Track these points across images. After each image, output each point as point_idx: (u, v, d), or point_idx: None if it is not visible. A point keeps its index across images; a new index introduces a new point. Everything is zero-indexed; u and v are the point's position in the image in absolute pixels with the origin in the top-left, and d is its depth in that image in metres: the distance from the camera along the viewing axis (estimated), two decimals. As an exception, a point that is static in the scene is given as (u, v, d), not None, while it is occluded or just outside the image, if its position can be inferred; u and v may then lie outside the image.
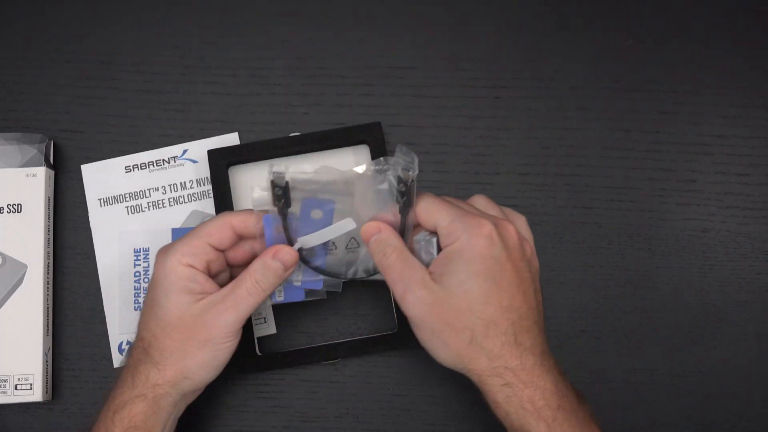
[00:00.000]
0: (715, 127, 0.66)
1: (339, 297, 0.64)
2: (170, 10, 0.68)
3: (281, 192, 0.54)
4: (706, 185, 0.66)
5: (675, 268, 0.65)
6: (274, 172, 0.54)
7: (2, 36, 0.67)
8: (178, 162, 0.65)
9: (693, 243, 0.65)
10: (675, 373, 0.64)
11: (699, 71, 0.67)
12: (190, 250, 0.53)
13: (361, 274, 0.57)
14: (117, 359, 0.64)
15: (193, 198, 0.65)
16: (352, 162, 0.64)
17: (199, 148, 0.65)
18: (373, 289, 0.64)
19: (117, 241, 0.64)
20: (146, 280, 0.64)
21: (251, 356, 0.62)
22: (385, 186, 0.54)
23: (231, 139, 0.66)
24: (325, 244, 0.56)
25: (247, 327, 0.62)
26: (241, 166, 0.64)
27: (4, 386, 0.61)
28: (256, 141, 0.64)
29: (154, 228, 0.64)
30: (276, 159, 0.64)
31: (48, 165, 0.64)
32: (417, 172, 0.53)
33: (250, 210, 0.56)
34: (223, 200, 0.63)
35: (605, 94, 0.67)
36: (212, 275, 0.55)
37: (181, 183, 0.65)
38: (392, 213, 0.54)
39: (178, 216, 0.65)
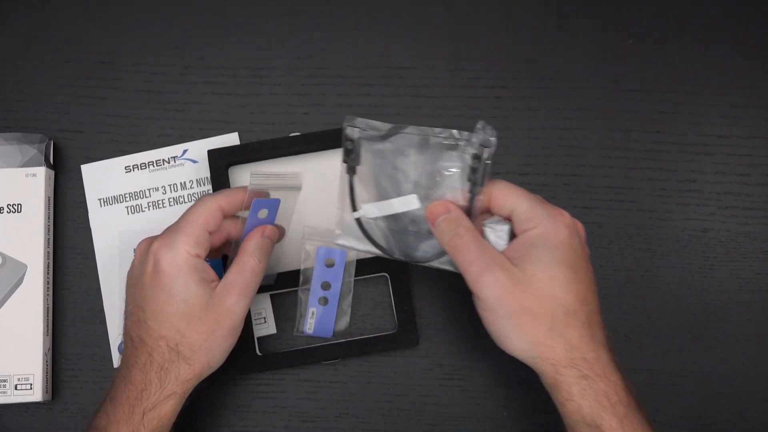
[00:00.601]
0: (715, 127, 0.66)
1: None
2: (170, 10, 0.68)
3: (351, 146, 0.53)
4: (706, 185, 0.66)
5: (675, 268, 0.65)
6: (347, 125, 0.53)
7: (2, 36, 0.67)
8: (178, 162, 0.65)
9: (693, 243, 0.65)
10: (675, 373, 0.64)
11: (699, 71, 0.67)
12: (194, 239, 0.52)
13: (418, 257, 0.55)
14: (117, 359, 0.64)
15: (193, 198, 0.65)
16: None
17: (199, 148, 0.65)
18: (372, 290, 0.64)
19: (117, 241, 0.64)
20: (146, 280, 0.64)
21: (251, 356, 0.62)
22: (453, 162, 0.52)
23: (231, 139, 0.66)
24: (386, 219, 0.55)
25: (247, 327, 0.62)
26: (241, 166, 0.64)
27: (4, 386, 0.61)
28: (256, 141, 0.64)
29: (154, 228, 0.64)
30: (276, 159, 0.64)
31: (48, 165, 0.64)
32: (494, 149, 0.51)
33: (236, 189, 0.56)
34: (223, 200, 0.63)
35: (605, 94, 0.67)
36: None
37: (181, 183, 0.65)
38: (459, 193, 0.53)
39: (178, 216, 0.64)
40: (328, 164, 0.63)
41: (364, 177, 0.54)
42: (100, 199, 0.65)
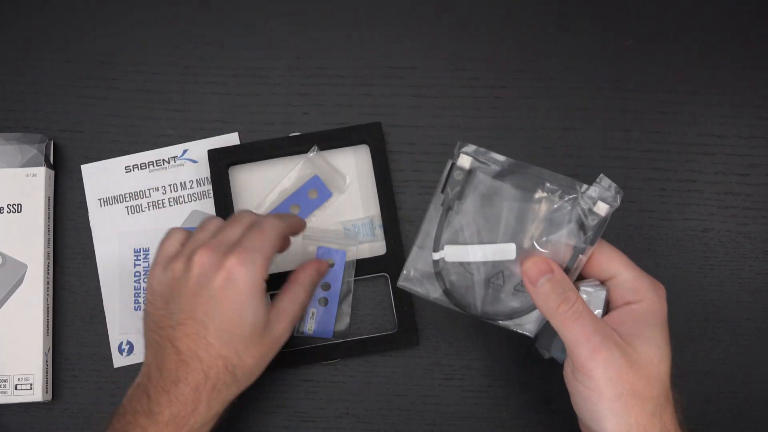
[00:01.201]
0: (715, 127, 0.66)
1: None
2: (170, 10, 0.68)
3: (460, 177, 0.48)
4: (706, 185, 0.66)
5: (675, 268, 0.65)
6: (460, 151, 0.47)
7: (2, 36, 0.67)
8: (178, 162, 0.65)
9: (693, 243, 0.65)
10: (675, 373, 0.64)
11: (699, 71, 0.67)
12: (266, 264, 0.51)
13: (491, 313, 0.50)
14: (117, 359, 0.64)
15: (193, 198, 0.65)
16: (352, 162, 0.64)
17: (199, 148, 0.65)
18: (372, 290, 0.64)
19: (117, 241, 0.64)
20: (146, 280, 0.64)
21: None
22: (563, 215, 0.47)
23: (231, 139, 0.66)
24: (467, 265, 0.49)
25: None
26: (241, 165, 0.64)
27: (4, 386, 0.61)
28: (256, 141, 0.64)
29: (154, 228, 0.64)
30: (277, 158, 0.64)
31: (48, 165, 0.64)
32: (615, 208, 0.47)
33: (298, 218, 0.58)
34: (223, 200, 0.63)
35: (605, 94, 0.67)
36: None
37: (181, 183, 0.65)
38: (561, 250, 0.48)
39: (178, 216, 0.65)
40: (338, 163, 0.64)
41: (457, 214, 0.49)
42: (100, 199, 0.65)
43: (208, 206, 0.65)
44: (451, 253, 0.49)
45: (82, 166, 0.65)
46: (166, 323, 0.51)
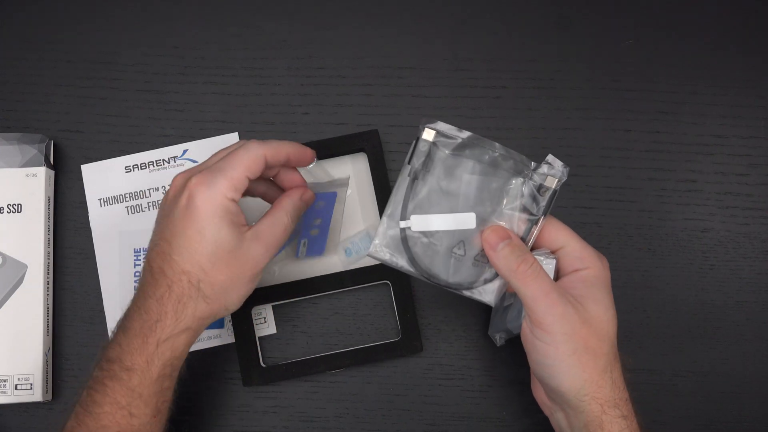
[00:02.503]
0: (715, 127, 0.66)
1: (337, 297, 0.64)
2: (170, 10, 0.68)
3: (425, 148, 0.52)
4: (706, 185, 0.66)
5: (675, 268, 0.65)
6: (426, 126, 0.51)
7: (2, 36, 0.67)
8: (178, 162, 0.65)
9: (693, 243, 0.65)
10: (675, 373, 0.64)
11: (699, 71, 0.67)
12: (233, 184, 0.51)
13: (453, 282, 0.53)
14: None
15: (193, 198, 0.65)
16: (350, 170, 0.64)
17: (199, 148, 0.65)
18: (374, 297, 0.64)
19: (117, 241, 0.64)
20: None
21: (256, 369, 0.62)
22: (518, 189, 0.52)
23: (231, 139, 0.66)
24: (430, 236, 0.53)
25: (250, 337, 0.62)
26: None
27: (4, 386, 0.61)
28: None
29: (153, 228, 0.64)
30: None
31: (48, 165, 0.64)
32: (562, 182, 0.51)
33: (283, 142, 0.55)
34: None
35: (605, 94, 0.67)
36: None
37: (181, 183, 0.65)
38: (516, 221, 0.52)
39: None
40: (335, 171, 0.64)
41: (422, 185, 0.52)
42: (100, 199, 0.65)
43: (208, 206, 0.65)
44: (416, 222, 0.52)
45: (82, 166, 0.65)
46: (149, 247, 0.54)
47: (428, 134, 0.51)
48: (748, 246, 0.65)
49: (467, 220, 0.52)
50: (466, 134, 0.52)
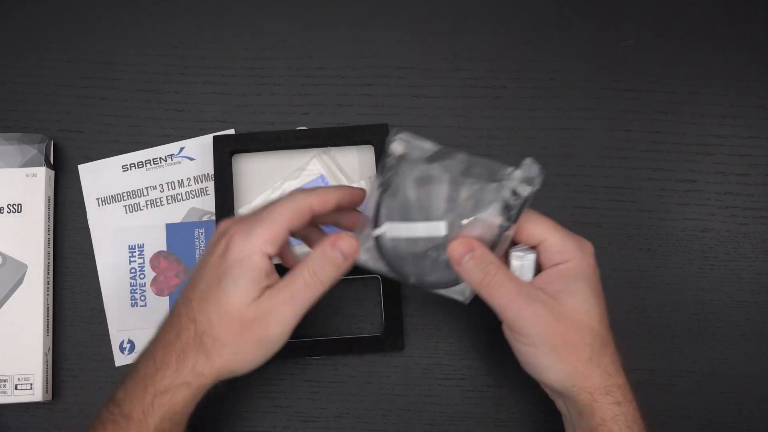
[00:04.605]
0: (715, 127, 0.66)
1: (330, 292, 0.64)
2: (170, 10, 0.68)
3: (393, 162, 0.51)
4: (706, 185, 0.66)
5: (675, 268, 0.65)
6: (393, 138, 0.50)
7: (2, 36, 0.67)
8: (175, 160, 0.65)
9: (693, 243, 0.65)
10: (675, 373, 0.64)
11: (699, 71, 0.67)
12: (271, 236, 0.49)
13: (431, 282, 0.54)
14: (119, 358, 0.64)
15: (190, 195, 0.65)
16: (356, 162, 0.64)
17: (195, 146, 0.65)
18: (362, 290, 0.64)
19: (116, 240, 0.64)
20: (142, 276, 0.64)
21: None
22: (491, 195, 0.51)
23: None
24: (407, 241, 0.52)
25: None
26: (245, 154, 0.64)
27: (4, 386, 0.61)
28: (262, 131, 0.64)
29: (147, 224, 0.64)
30: (281, 151, 0.64)
31: (48, 165, 0.64)
32: (537, 188, 0.50)
33: (331, 188, 0.53)
34: (225, 187, 0.63)
35: (605, 94, 0.67)
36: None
37: (178, 181, 0.65)
38: (488, 227, 0.52)
39: (176, 214, 0.65)
40: (342, 161, 0.64)
41: (394, 195, 0.52)
42: (98, 199, 0.65)
43: (206, 203, 0.65)
44: (389, 230, 0.52)
45: (80, 166, 0.65)
46: (181, 289, 0.52)
47: (397, 146, 0.51)
48: (748, 246, 0.65)
49: (438, 228, 0.52)
50: (435, 147, 0.52)
